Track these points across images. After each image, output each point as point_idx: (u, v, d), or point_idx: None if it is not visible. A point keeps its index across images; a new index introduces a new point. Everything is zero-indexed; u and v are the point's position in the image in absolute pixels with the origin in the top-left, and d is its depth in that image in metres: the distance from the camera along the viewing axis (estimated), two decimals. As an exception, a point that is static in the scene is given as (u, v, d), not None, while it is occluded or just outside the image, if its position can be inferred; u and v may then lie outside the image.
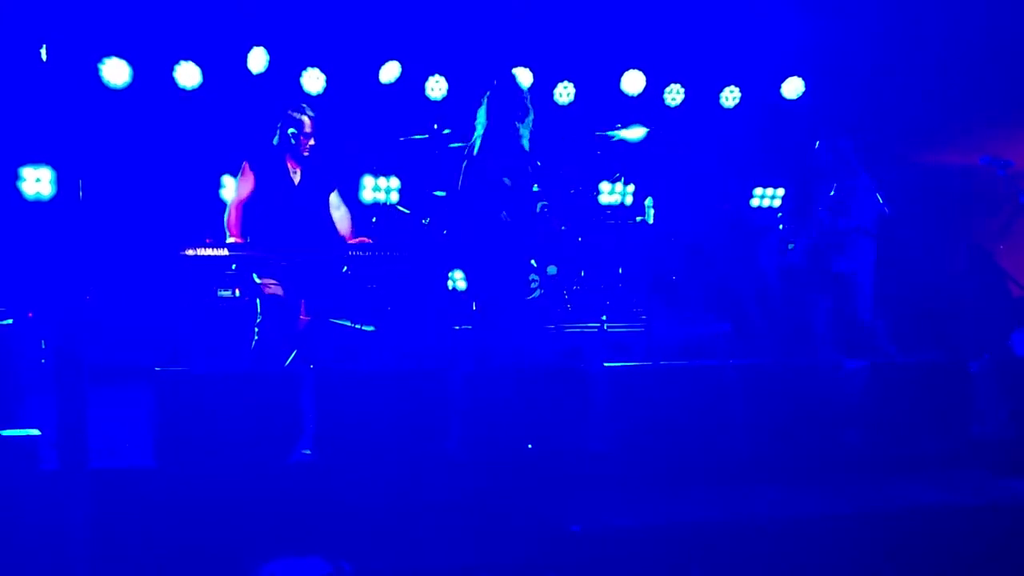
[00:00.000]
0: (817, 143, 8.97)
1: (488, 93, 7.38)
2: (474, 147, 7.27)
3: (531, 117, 7.37)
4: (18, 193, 9.41)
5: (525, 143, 7.38)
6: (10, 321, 7.51)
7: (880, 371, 6.56)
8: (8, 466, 4.97)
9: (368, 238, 7.68)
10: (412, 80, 10.68)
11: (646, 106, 11.15)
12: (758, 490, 5.80)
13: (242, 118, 10.08)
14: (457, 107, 10.66)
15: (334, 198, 7.67)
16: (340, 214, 7.70)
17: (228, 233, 7.35)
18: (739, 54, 11.38)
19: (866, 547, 5.30)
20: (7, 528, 4.79)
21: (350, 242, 7.59)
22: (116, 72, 9.65)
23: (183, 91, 9.99)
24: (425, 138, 9.33)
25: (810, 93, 11.62)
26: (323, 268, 7.40)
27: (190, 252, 6.99)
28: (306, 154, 7.43)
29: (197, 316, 8.86)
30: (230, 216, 7.38)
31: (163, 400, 5.39)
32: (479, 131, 7.28)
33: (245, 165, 7.41)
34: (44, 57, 5.52)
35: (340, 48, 10.43)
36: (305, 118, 7.43)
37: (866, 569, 5.25)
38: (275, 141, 7.48)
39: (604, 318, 9.00)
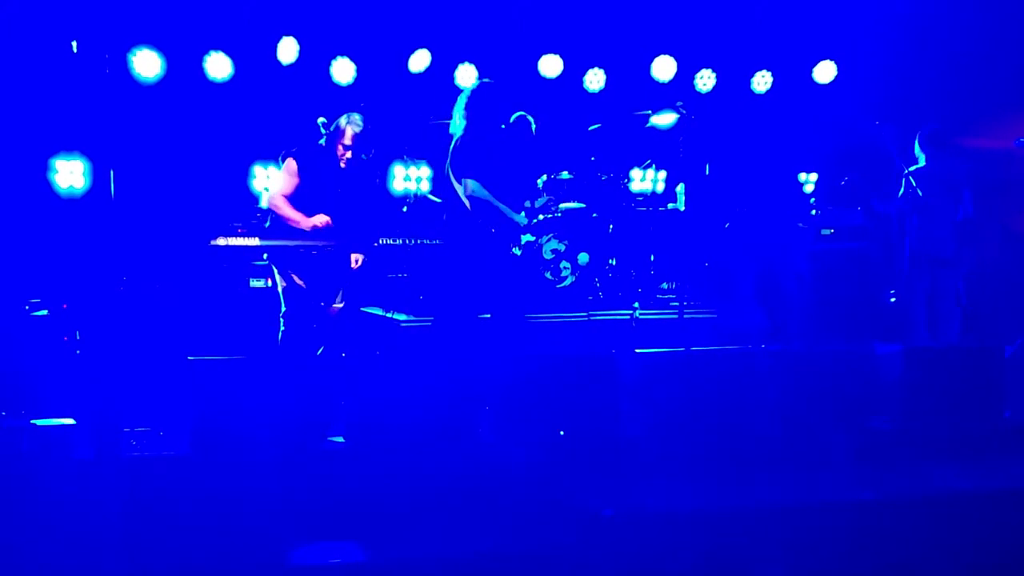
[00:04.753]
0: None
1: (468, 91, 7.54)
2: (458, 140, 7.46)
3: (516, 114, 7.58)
4: (51, 186, 9.48)
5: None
6: (45, 312, 7.60)
7: (912, 356, 6.53)
8: (43, 455, 5.02)
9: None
10: (442, 68, 10.68)
11: (677, 92, 11.09)
12: (790, 475, 5.78)
13: (273, 109, 10.12)
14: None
15: None
16: None
17: (284, 217, 7.20)
18: (771, 38, 11.31)
19: (898, 532, 5.27)
20: (42, 517, 4.84)
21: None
22: (147, 63, 9.69)
23: (213, 82, 10.04)
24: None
25: (843, 77, 11.53)
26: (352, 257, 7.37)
27: (221, 242, 7.00)
28: (343, 165, 7.26)
29: (230, 305, 8.91)
30: (277, 205, 7.22)
31: (197, 389, 5.44)
32: (460, 128, 7.45)
33: (292, 161, 7.26)
34: (75, 49, 5.57)
35: (370, 37, 10.45)
36: (348, 128, 7.22)
37: (898, 553, 5.22)
38: (322, 142, 7.33)
39: (636, 305, 8.98)
